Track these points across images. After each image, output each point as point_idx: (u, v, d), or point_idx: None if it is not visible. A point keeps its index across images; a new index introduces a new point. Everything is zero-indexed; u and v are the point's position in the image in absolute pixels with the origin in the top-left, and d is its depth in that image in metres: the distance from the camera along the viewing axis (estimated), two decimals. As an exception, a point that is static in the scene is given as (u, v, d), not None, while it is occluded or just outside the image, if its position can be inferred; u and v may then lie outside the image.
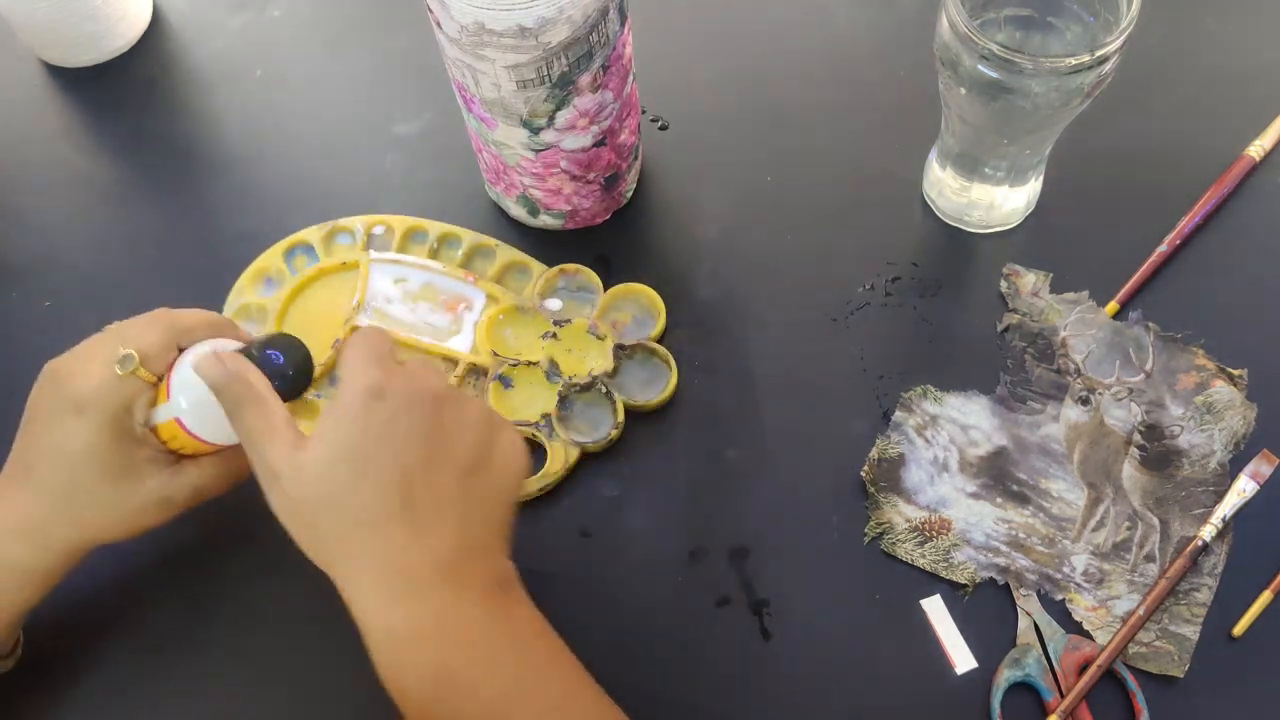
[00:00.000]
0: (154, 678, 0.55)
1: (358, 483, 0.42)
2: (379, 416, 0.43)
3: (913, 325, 0.63)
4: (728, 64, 0.73)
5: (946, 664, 0.54)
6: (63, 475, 0.49)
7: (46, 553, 0.49)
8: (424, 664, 0.42)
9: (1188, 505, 0.57)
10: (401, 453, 0.43)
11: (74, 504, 0.49)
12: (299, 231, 0.67)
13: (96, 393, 0.48)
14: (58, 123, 0.76)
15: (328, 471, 0.43)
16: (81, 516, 0.49)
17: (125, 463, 0.49)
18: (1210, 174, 0.66)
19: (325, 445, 0.43)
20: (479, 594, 0.43)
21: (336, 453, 0.43)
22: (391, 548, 0.42)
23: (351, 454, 0.43)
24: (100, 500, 0.49)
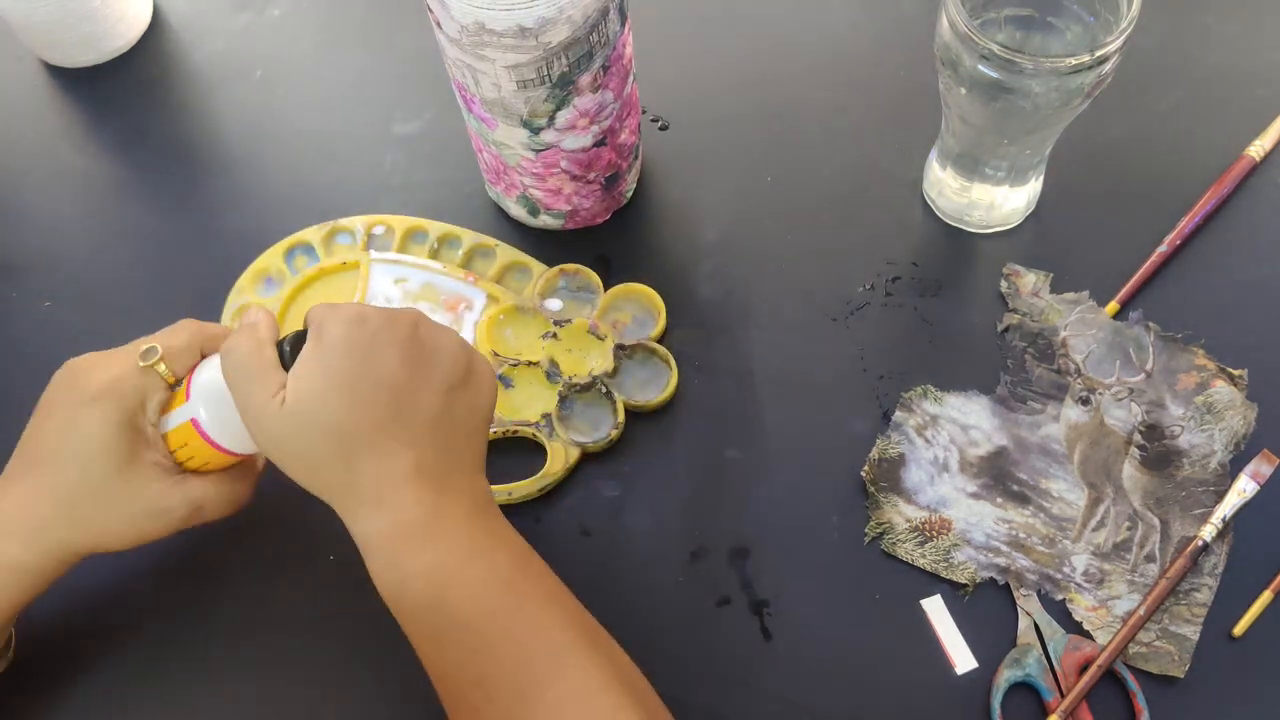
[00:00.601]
0: (148, 678, 0.55)
1: (350, 404, 0.44)
2: (363, 339, 0.45)
3: (913, 325, 0.63)
4: (728, 64, 0.73)
5: (946, 664, 0.54)
6: (68, 470, 0.49)
7: (41, 553, 0.49)
8: (422, 565, 0.44)
9: (1188, 505, 0.57)
10: (388, 371, 0.45)
11: (75, 502, 0.49)
12: (299, 231, 0.67)
13: (113, 383, 0.49)
14: (58, 123, 0.76)
15: (320, 398, 0.45)
16: (80, 515, 0.49)
17: (131, 461, 0.49)
18: (1210, 174, 0.66)
19: (315, 375, 0.45)
20: (467, 504, 0.46)
21: (328, 380, 0.45)
22: (385, 459, 0.45)
23: (341, 378, 0.45)
24: (102, 498, 0.49)
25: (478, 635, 0.44)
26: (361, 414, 0.45)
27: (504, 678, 0.43)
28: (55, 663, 0.56)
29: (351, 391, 0.45)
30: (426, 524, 0.45)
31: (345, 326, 0.46)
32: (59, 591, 0.53)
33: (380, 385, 0.45)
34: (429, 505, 0.45)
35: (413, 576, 0.44)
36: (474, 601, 0.44)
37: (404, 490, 0.45)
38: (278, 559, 0.58)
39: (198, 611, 0.57)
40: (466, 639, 0.44)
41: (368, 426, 0.45)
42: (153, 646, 0.56)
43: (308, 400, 0.45)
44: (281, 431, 0.46)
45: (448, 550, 0.45)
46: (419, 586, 0.44)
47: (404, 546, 0.45)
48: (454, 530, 0.45)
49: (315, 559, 0.58)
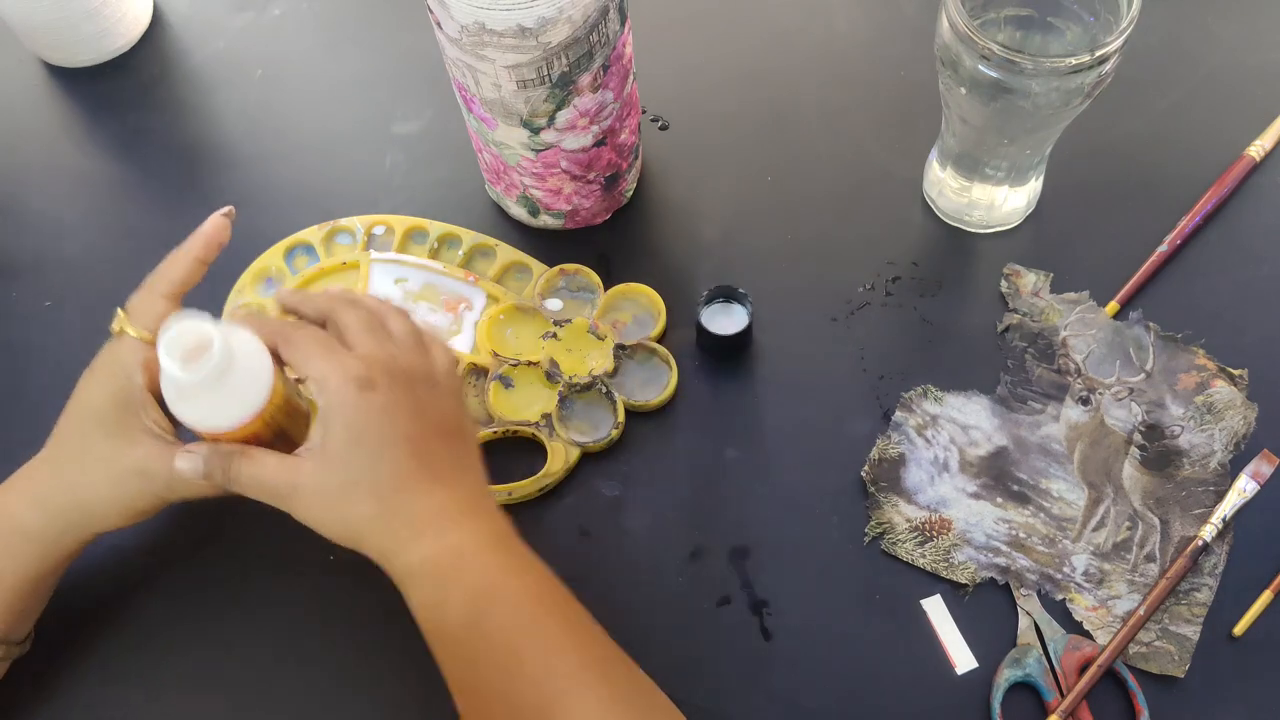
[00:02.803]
0: (148, 677, 0.56)
1: (375, 459, 0.47)
2: (375, 404, 0.47)
3: (913, 325, 0.63)
4: (728, 64, 0.73)
5: (947, 664, 0.54)
6: (68, 436, 0.51)
7: (46, 522, 0.51)
8: (464, 587, 0.46)
9: (1188, 505, 0.57)
10: (402, 427, 0.47)
11: (66, 463, 0.51)
12: (299, 231, 0.67)
13: (109, 352, 0.51)
14: (58, 123, 0.76)
15: (344, 459, 0.47)
16: (70, 478, 0.51)
17: (121, 424, 0.50)
18: (1210, 174, 0.66)
19: (336, 439, 0.47)
20: (494, 531, 0.48)
21: (349, 440, 0.47)
22: (418, 499, 0.47)
23: (362, 437, 0.47)
24: (89, 459, 0.50)
25: (510, 653, 0.45)
26: (388, 467, 0.47)
27: (529, 693, 0.45)
28: (55, 664, 0.56)
29: (375, 450, 0.47)
30: (469, 552, 0.47)
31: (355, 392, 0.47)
32: (64, 594, 0.53)
33: (400, 441, 0.47)
34: (467, 531, 0.47)
35: (454, 600, 0.46)
36: (509, 620, 0.46)
37: (442, 520, 0.47)
38: (278, 558, 0.58)
39: (198, 611, 0.57)
40: (499, 657, 0.45)
41: (396, 475, 0.47)
42: (154, 645, 0.56)
43: (331, 460, 0.47)
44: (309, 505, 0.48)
45: (487, 576, 0.47)
46: (459, 609, 0.46)
47: (448, 572, 0.47)
48: (493, 557, 0.47)
49: (315, 558, 0.58)
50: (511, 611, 0.46)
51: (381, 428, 0.47)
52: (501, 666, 0.45)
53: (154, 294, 0.52)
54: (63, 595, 0.54)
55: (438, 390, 0.50)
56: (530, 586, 0.47)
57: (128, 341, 0.51)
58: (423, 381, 0.49)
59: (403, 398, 0.48)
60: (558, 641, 0.46)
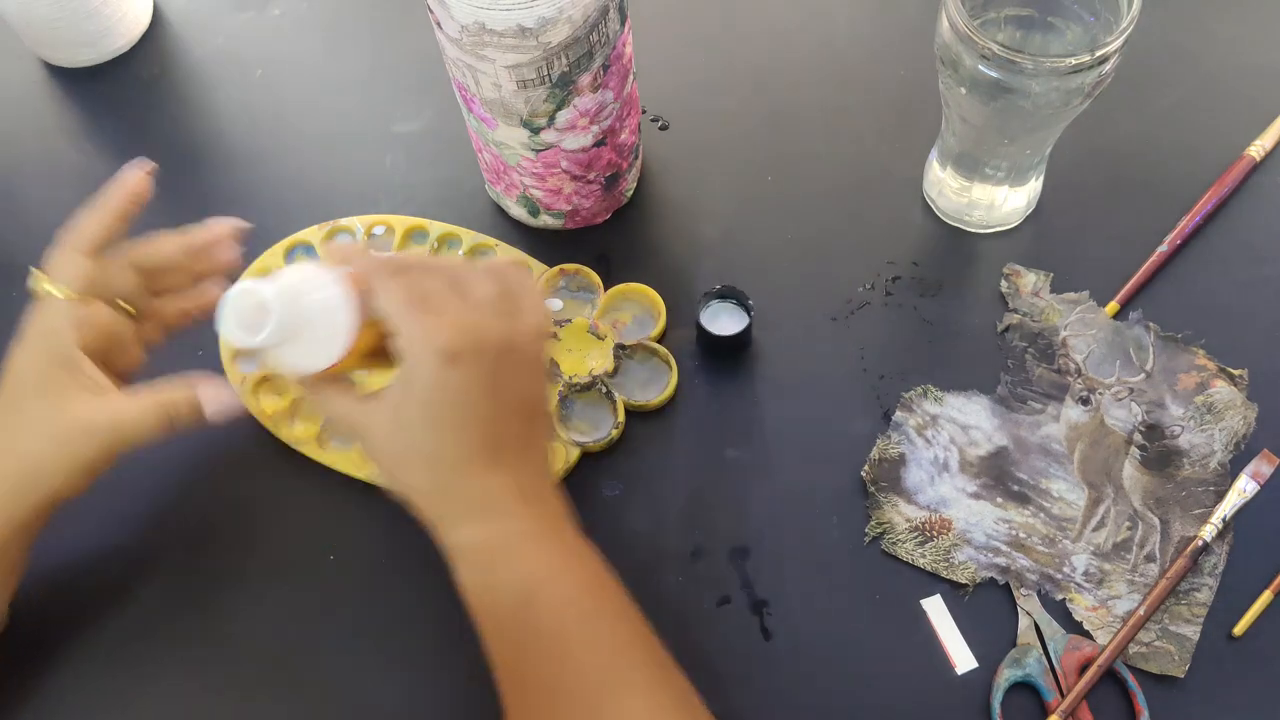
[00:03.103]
0: (147, 675, 0.56)
1: (441, 437, 0.46)
2: (454, 382, 0.45)
3: (913, 325, 0.63)
4: (728, 64, 0.73)
5: (947, 664, 0.54)
6: (6, 404, 0.51)
7: None
8: (514, 576, 0.46)
9: (1188, 505, 0.57)
10: (477, 409, 0.46)
11: (9, 430, 0.51)
12: (299, 231, 0.67)
13: (29, 318, 0.52)
14: (58, 123, 0.76)
15: (411, 429, 0.46)
16: (14, 443, 0.51)
17: (55, 384, 0.51)
18: (1210, 174, 0.66)
19: (410, 406, 0.46)
20: (554, 519, 0.48)
21: (421, 413, 0.46)
22: (476, 481, 0.46)
23: (435, 413, 0.46)
24: (30, 421, 0.50)
25: (559, 645, 0.45)
26: (451, 447, 0.46)
27: (576, 688, 0.45)
28: (48, 661, 0.56)
29: (441, 428, 0.46)
30: (521, 538, 0.47)
31: (437, 365, 0.45)
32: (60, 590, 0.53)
33: (468, 421, 0.46)
34: (525, 520, 0.47)
35: (503, 587, 0.46)
36: (558, 614, 0.46)
37: (502, 506, 0.47)
38: (279, 558, 0.58)
39: (197, 611, 0.57)
40: (547, 648, 0.45)
41: (457, 456, 0.46)
42: (150, 645, 0.56)
43: (395, 427, 0.47)
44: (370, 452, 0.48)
45: (538, 564, 0.46)
46: (508, 597, 0.46)
47: (499, 558, 0.46)
48: (545, 545, 0.47)
49: (315, 558, 0.58)
50: (561, 603, 0.46)
51: (456, 408, 0.46)
52: (549, 657, 0.45)
53: (73, 251, 0.53)
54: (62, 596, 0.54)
55: (518, 362, 0.48)
56: (583, 579, 0.47)
57: (53, 302, 0.51)
58: (505, 353, 0.47)
59: (482, 375, 0.46)
60: (609, 638, 0.46)
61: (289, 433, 0.61)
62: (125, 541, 0.59)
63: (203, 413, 0.53)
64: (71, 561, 0.58)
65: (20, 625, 0.56)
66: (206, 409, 0.53)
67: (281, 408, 0.61)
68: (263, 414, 0.61)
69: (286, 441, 0.61)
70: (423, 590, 0.57)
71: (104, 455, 0.51)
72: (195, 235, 0.57)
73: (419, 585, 0.57)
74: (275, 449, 0.61)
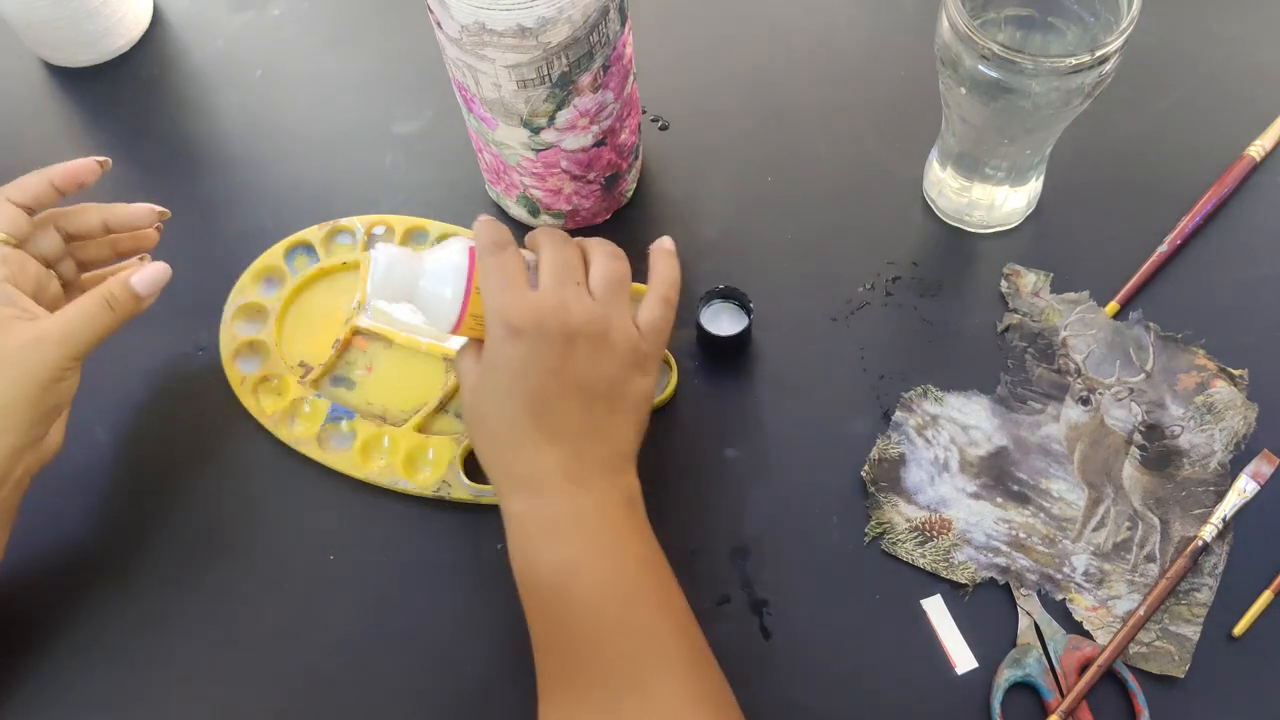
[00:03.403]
0: (146, 675, 0.56)
1: (497, 409, 0.49)
2: (515, 354, 0.48)
3: (913, 325, 0.63)
4: (728, 64, 0.73)
5: (946, 664, 0.54)
6: None
7: None
8: (553, 555, 0.47)
9: (1188, 505, 0.57)
10: (531, 383, 0.48)
11: None
12: (299, 231, 0.67)
13: None
14: (58, 123, 0.76)
15: (475, 398, 0.50)
16: None
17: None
18: (1210, 174, 0.66)
19: (477, 375, 0.50)
20: (605, 503, 0.49)
21: (482, 383, 0.50)
22: (523, 457, 0.48)
23: (493, 385, 0.49)
24: None
25: (592, 628, 0.46)
26: (505, 422, 0.49)
27: (605, 671, 0.45)
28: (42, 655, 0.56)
29: (499, 401, 0.49)
30: (563, 520, 0.48)
31: (501, 338, 0.49)
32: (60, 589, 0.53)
33: (524, 397, 0.48)
34: (569, 502, 0.48)
35: (543, 563, 0.47)
36: (594, 598, 0.46)
37: (547, 485, 0.48)
38: (279, 558, 0.58)
39: (197, 610, 0.57)
40: (581, 629, 0.46)
41: (510, 431, 0.49)
42: (150, 644, 0.56)
43: (469, 394, 0.51)
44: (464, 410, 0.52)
45: (579, 548, 0.47)
46: (547, 574, 0.47)
47: (540, 535, 0.48)
48: (587, 529, 0.48)
49: (315, 558, 0.58)
50: (596, 585, 0.46)
51: (510, 381, 0.48)
52: (582, 639, 0.46)
53: (5, 201, 0.54)
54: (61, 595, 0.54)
55: (602, 348, 0.49)
56: (625, 564, 0.48)
57: None
58: (588, 337, 0.49)
59: (545, 352, 0.48)
60: (642, 628, 0.46)
61: (289, 433, 0.61)
62: (125, 541, 0.59)
63: (136, 291, 0.54)
64: (71, 560, 0.58)
65: (19, 624, 0.56)
66: (136, 286, 0.54)
67: (282, 408, 0.61)
68: (263, 414, 0.61)
69: (286, 441, 0.61)
70: (423, 590, 0.57)
71: (55, 374, 0.51)
72: (117, 210, 0.59)
73: (419, 585, 0.57)
74: (275, 449, 0.61)
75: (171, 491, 0.60)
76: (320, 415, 0.61)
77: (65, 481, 0.60)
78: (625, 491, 0.50)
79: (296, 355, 0.63)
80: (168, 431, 0.62)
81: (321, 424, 0.61)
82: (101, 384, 0.64)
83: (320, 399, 0.61)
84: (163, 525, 0.59)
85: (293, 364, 0.63)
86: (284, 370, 0.62)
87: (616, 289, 0.51)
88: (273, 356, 0.63)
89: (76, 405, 0.62)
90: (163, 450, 0.62)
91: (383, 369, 0.63)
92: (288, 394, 0.62)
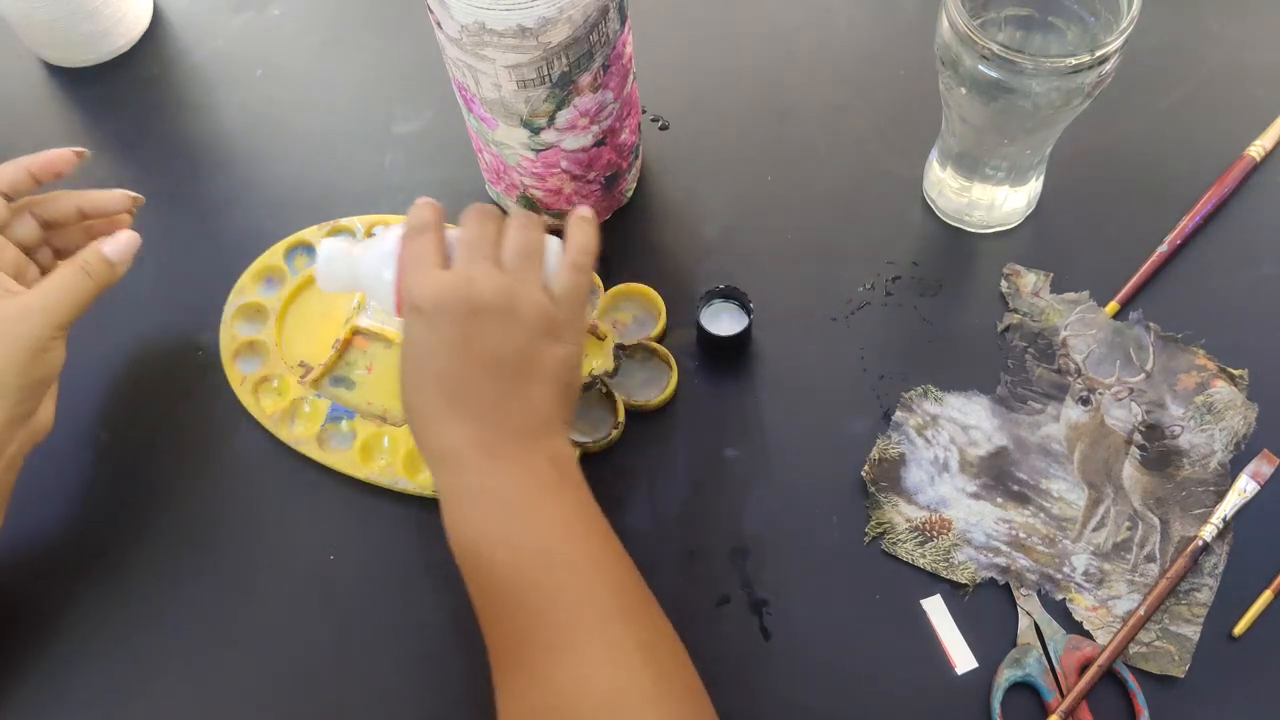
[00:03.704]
0: (145, 673, 0.56)
1: (412, 388, 0.50)
2: (421, 333, 0.50)
3: (913, 325, 0.63)
4: (728, 64, 0.73)
5: (946, 664, 0.54)
6: None
7: None
8: (470, 526, 0.48)
9: (1188, 505, 0.57)
10: (436, 361, 0.49)
11: None
12: (299, 231, 0.67)
13: None
14: (58, 123, 0.76)
15: (398, 375, 0.51)
16: None
17: None
18: (1210, 174, 0.66)
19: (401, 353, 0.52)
20: (523, 472, 0.49)
21: (402, 363, 0.51)
22: (438, 433, 0.49)
23: (407, 365, 0.51)
24: None
25: (512, 596, 0.46)
26: (417, 396, 0.50)
27: (531, 637, 0.46)
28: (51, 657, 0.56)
29: (411, 376, 0.50)
30: (479, 493, 0.48)
31: (409, 316, 0.51)
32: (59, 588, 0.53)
33: (430, 374, 0.50)
34: (484, 475, 0.48)
35: (465, 537, 0.48)
36: (510, 565, 0.47)
37: (464, 459, 0.48)
38: (279, 558, 0.58)
39: (197, 610, 0.57)
40: (502, 597, 0.47)
41: (422, 405, 0.50)
42: (149, 643, 0.56)
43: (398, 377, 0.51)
44: None
45: (496, 518, 0.48)
46: (470, 547, 0.48)
47: (460, 509, 0.48)
48: (503, 499, 0.48)
49: (315, 558, 0.58)
50: (513, 558, 0.47)
51: (419, 359, 0.50)
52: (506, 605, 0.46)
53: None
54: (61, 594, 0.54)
55: (509, 320, 0.49)
56: (542, 532, 0.48)
57: None
58: (493, 311, 0.49)
59: (449, 329, 0.49)
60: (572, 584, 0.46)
61: (289, 433, 0.61)
62: (125, 540, 0.59)
63: (109, 258, 0.55)
64: (71, 559, 0.58)
65: (19, 623, 0.56)
66: (109, 253, 0.55)
67: (282, 408, 0.61)
68: (263, 414, 0.61)
69: (286, 442, 0.61)
70: (423, 590, 0.57)
71: (45, 334, 0.51)
72: (91, 196, 0.59)
73: (419, 585, 0.57)
74: (275, 449, 0.61)
75: (171, 491, 0.60)
76: (320, 415, 0.61)
77: (65, 481, 0.60)
78: (550, 458, 0.49)
79: (296, 355, 0.63)
80: (168, 431, 0.62)
81: (321, 424, 0.61)
82: (102, 384, 0.64)
83: (320, 399, 0.62)
84: (163, 525, 0.59)
85: (293, 364, 0.63)
86: (284, 370, 0.62)
87: (526, 259, 0.51)
88: (273, 356, 0.63)
89: (77, 405, 0.62)
90: (163, 450, 0.62)
91: (383, 369, 0.63)
92: (288, 394, 0.62)
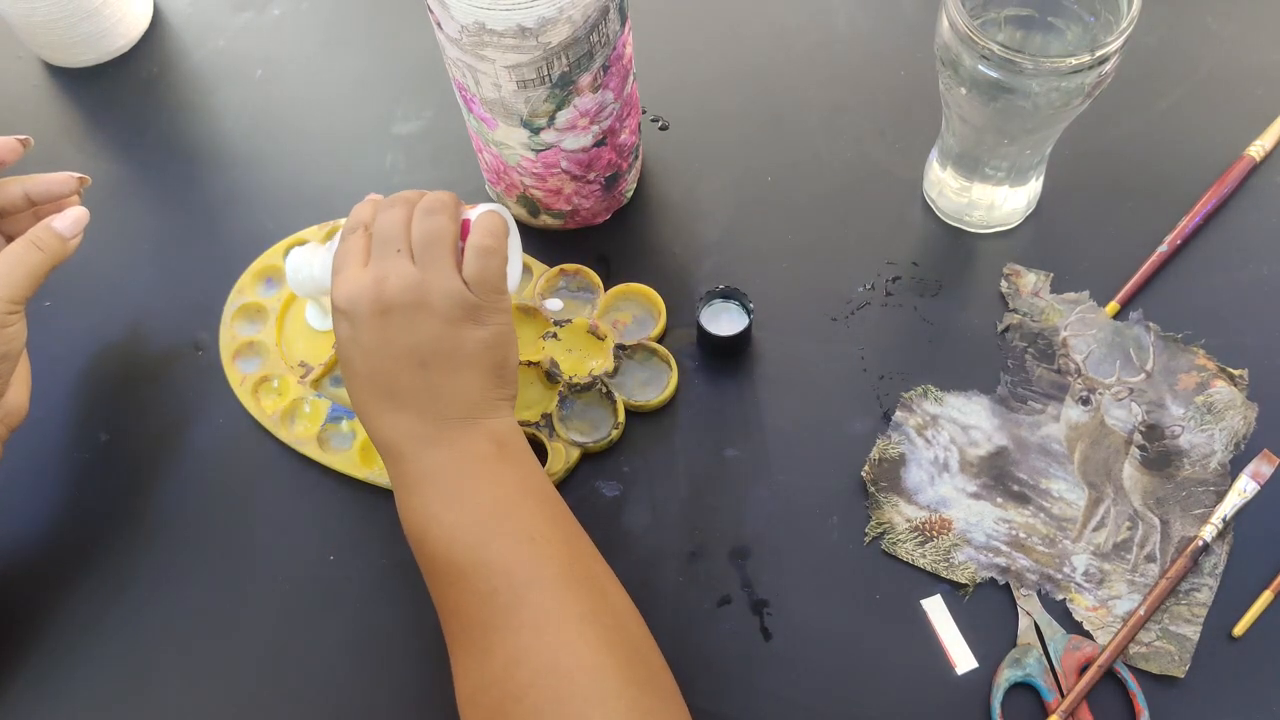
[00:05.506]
0: (144, 672, 0.56)
1: (349, 386, 0.52)
2: (345, 334, 0.51)
3: (913, 325, 0.63)
4: (728, 64, 0.73)
5: (946, 664, 0.54)
6: None
7: None
8: (410, 510, 0.50)
9: (1188, 505, 0.57)
10: (367, 361, 0.51)
11: None
12: (299, 231, 0.67)
13: None
14: (58, 123, 0.76)
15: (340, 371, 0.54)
16: None
17: None
18: (1210, 174, 0.66)
19: None
20: (459, 455, 0.50)
21: (339, 364, 0.53)
22: (377, 427, 0.51)
23: (341, 364, 0.52)
24: None
25: (453, 571, 0.48)
26: (356, 394, 0.52)
27: (473, 610, 0.47)
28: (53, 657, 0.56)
29: (347, 374, 0.52)
30: (417, 479, 0.50)
31: (335, 323, 0.52)
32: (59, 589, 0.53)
33: (361, 372, 0.51)
34: (421, 461, 0.50)
35: (410, 520, 0.50)
36: (448, 543, 0.48)
37: (403, 449, 0.50)
38: (279, 558, 0.58)
39: (197, 610, 0.57)
40: (446, 578, 0.48)
41: (362, 401, 0.51)
42: (149, 643, 0.56)
43: None
44: None
45: (433, 502, 0.49)
46: (415, 532, 0.50)
47: (405, 495, 0.50)
48: (439, 483, 0.50)
49: (315, 558, 0.58)
50: (452, 536, 0.48)
51: (346, 360, 0.51)
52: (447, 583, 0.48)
53: None
54: (61, 595, 0.54)
55: (421, 313, 0.50)
56: (482, 509, 0.49)
57: None
58: (403, 307, 0.50)
59: (366, 328, 0.50)
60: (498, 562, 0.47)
61: (289, 433, 0.61)
62: (124, 541, 0.59)
63: (59, 232, 0.56)
64: (70, 560, 0.58)
65: (19, 623, 0.56)
66: (58, 227, 0.56)
67: (281, 408, 0.61)
68: (263, 414, 0.61)
69: (286, 442, 0.61)
70: (423, 590, 0.57)
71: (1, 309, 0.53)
72: (37, 180, 0.59)
73: (419, 585, 0.57)
74: (275, 449, 0.61)
75: (171, 491, 0.60)
76: (320, 415, 0.61)
77: (64, 481, 0.60)
78: (489, 436, 0.51)
79: (296, 355, 0.63)
80: (168, 432, 0.62)
81: (321, 424, 0.61)
82: (101, 384, 0.64)
83: (320, 399, 0.62)
84: (163, 525, 0.59)
85: (293, 364, 0.63)
86: (284, 370, 0.62)
87: (433, 248, 0.51)
88: (273, 356, 0.63)
89: (76, 405, 0.62)
90: (163, 450, 0.62)
91: (383, 369, 0.63)
92: (288, 394, 0.62)
